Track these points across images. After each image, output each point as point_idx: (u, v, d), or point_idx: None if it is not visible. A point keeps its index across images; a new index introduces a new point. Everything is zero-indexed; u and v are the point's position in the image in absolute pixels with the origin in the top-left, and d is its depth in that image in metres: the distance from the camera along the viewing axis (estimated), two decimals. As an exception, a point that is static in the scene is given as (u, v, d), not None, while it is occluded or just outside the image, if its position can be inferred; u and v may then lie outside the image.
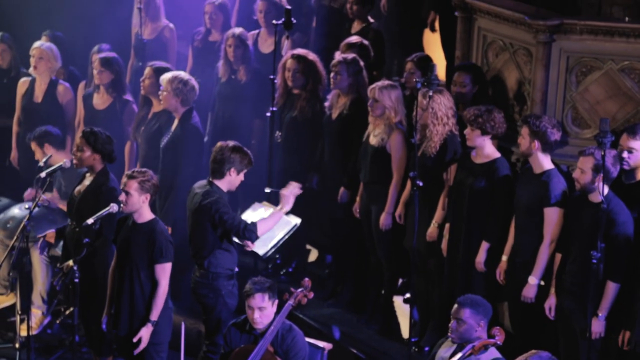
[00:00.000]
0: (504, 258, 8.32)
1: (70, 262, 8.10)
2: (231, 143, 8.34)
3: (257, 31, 10.89)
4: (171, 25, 11.25)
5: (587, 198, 7.78)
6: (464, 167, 8.49)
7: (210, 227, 8.24)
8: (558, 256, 8.00)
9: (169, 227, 9.13)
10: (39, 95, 10.78)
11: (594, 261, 7.46)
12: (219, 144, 8.38)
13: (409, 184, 8.84)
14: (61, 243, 9.13)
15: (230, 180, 8.31)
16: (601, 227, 7.49)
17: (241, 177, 8.34)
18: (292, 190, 8.39)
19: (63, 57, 10.90)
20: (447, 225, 8.64)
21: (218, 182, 8.31)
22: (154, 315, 7.97)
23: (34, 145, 10.13)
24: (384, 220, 9.10)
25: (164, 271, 8.01)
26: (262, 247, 8.61)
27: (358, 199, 9.40)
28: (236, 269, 8.41)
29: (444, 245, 8.65)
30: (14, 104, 10.92)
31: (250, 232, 8.22)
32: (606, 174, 7.57)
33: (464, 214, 8.43)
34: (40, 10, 12.03)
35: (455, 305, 7.31)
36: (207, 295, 8.33)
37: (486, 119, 8.26)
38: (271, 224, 8.33)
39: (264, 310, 7.67)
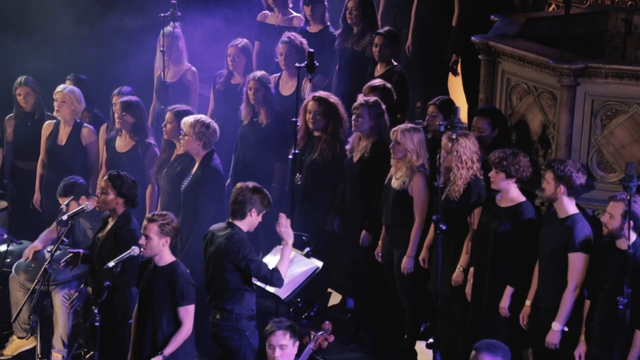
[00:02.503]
0: (528, 303, 8.25)
1: (90, 289, 8.07)
2: (251, 184, 8.36)
3: (278, 74, 10.90)
4: (193, 68, 11.27)
5: (615, 245, 7.70)
6: (489, 210, 8.42)
7: (233, 270, 8.20)
8: (587, 303, 7.92)
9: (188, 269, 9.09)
10: (62, 137, 10.77)
11: (621, 307, 7.37)
12: (238, 185, 8.40)
13: (432, 227, 8.78)
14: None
15: (251, 221, 8.32)
16: (628, 273, 7.40)
17: (260, 218, 8.36)
18: (282, 223, 8.34)
19: (87, 100, 10.91)
20: (471, 270, 8.56)
21: (238, 223, 8.29)
22: (168, 350, 7.97)
23: (67, 200, 9.70)
24: (406, 263, 9.04)
25: (187, 313, 8.01)
26: (283, 290, 8.56)
27: (380, 242, 9.34)
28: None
29: (468, 289, 8.57)
30: (37, 147, 10.92)
31: (277, 279, 8.25)
32: (635, 221, 7.49)
33: (488, 258, 8.36)
34: (63, 53, 12.07)
35: (473, 352, 7.13)
36: (232, 338, 8.27)
37: (511, 162, 8.21)
38: (286, 262, 8.33)
39: (284, 349, 7.62)
